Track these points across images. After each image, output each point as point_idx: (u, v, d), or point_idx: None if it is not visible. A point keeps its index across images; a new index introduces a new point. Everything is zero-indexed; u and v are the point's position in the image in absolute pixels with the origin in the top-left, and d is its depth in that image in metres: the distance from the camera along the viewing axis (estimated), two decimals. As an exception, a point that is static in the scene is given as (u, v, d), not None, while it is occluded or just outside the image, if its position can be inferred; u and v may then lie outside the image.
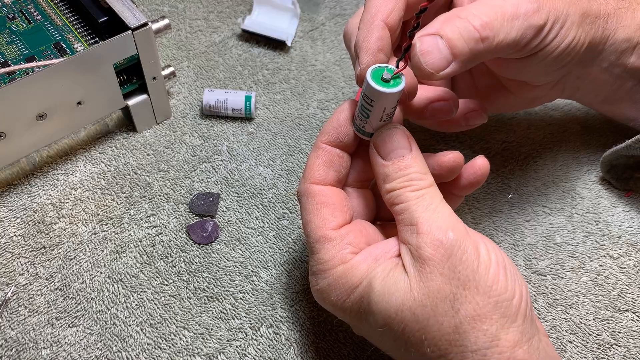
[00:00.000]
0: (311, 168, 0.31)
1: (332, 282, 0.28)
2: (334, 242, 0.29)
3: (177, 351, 0.35)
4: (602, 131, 0.46)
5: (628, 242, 0.40)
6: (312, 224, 0.30)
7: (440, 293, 0.26)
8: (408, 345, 0.27)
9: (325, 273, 0.29)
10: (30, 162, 0.42)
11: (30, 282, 0.37)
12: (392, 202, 0.29)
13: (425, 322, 0.26)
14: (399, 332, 0.27)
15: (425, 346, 0.26)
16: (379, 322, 0.27)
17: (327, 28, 0.53)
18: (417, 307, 0.26)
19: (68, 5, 0.43)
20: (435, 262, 0.26)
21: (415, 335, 0.26)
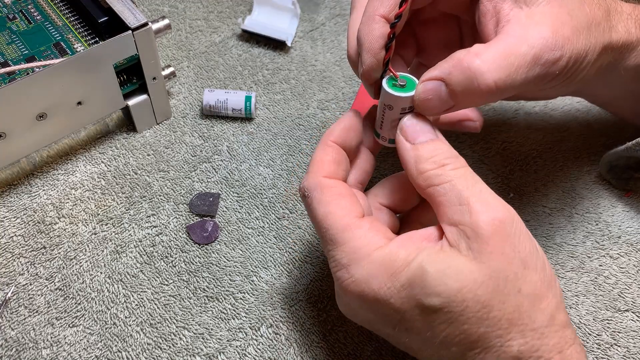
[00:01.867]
0: (321, 163, 0.30)
1: (372, 270, 0.26)
2: (364, 229, 0.27)
3: (177, 351, 0.35)
4: (602, 131, 0.46)
5: (628, 242, 0.40)
6: (333, 215, 0.28)
7: (503, 272, 0.26)
8: (462, 331, 0.26)
9: (361, 262, 0.27)
10: (30, 162, 0.42)
11: (30, 282, 0.37)
12: (430, 182, 0.28)
13: (487, 302, 0.25)
14: (457, 315, 0.25)
15: (484, 327, 0.25)
16: (436, 305, 0.25)
17: (327, 28, 0.53)
18: (479, 288, 0.25)
19: (68, 5, 0.43)
20: (496, 241, 0.26)
21: (476, 315, 0.25)
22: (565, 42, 0.29)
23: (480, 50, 0.28)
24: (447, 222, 0.27)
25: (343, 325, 0.36)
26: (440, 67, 0.28)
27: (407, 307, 0.26)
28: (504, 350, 0.26)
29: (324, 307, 0.37)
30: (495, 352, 0.26)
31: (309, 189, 0.29)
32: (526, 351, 0.26)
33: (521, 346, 0.26)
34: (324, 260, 0.39)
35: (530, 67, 0.28)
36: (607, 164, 0.41)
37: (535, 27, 0.28)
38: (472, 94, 0.28)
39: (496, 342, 0.26)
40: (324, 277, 0.38)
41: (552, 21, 0.29)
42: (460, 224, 0.26)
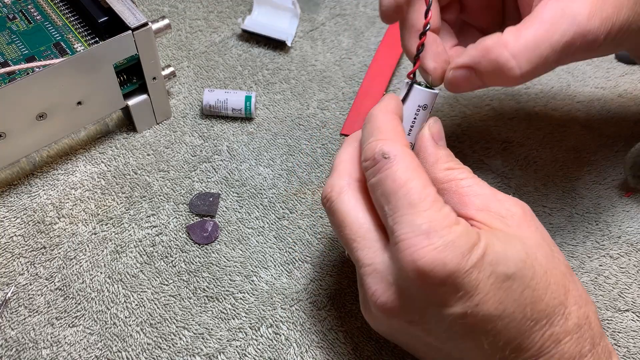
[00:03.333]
0: (395, 132, 0.29)
1: (454, 239, 0.26)
2: (443, 202, 0.27)
3: (177, 351, 0.35)
4: (602, 131, 0.46)
5: (628, 242, 0.40)
6: (417, 180, 0.27)
7: (542, 243, 0.28)
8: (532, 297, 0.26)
9: (444, 230, 0.26)
10: (30, 162, 0.42)
11: (30, 282, 0.37)
12: (452, 177, 0.29)
13: (547, 265, 0.27)
14: (529, 279, 0.26)
15: (549, 292, 0.26)
16: (510, 270, 0.26)
17: (327, 28, 0.53)
18: (537, 252, 0.27)
19: (68, 5, 0.43)
20: (527, 220, 0.28)
21: (542, 280, 0.26)
22: (604, 21, 0.29)
23: (509, 40, 0.28)
24: (476, 209, 0.28)
25: (343, 325, 0.36)
26: (470, 54, 0.30)
27: (482, 277, 0.26)
28: (566, 318, 0.27)
29: (324, 307, 0.37)
30: (559, 322, 0.27)
31: (391, 152, 0.28)
32: (582, 317, 0.27)
33: (578, 311, 0.27)
34: (324, 260, 0.39)
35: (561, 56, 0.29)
36: (632, 159, 0.40)
37: (572, 7, 0.28)
38: (500, 81, 0.30)
39: (559, 310, 0.27)
40: (324, 277, 0.38)
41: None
42: (490, 209, 0.28)
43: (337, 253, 0.39)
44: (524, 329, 0.26)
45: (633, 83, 0.49)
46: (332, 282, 0.38)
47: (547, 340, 0.26)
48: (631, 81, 0.49)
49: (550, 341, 0.26)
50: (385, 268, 0.27)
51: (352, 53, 0.51)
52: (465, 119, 0.47)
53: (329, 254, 0.39)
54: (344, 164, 0.31)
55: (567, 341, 0.27)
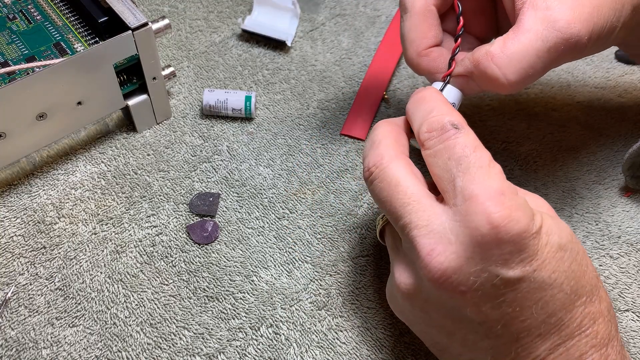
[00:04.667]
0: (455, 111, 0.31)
1: (523, 203, 0.27)
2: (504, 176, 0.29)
3: (177, 351, 0.35)
4: (602, 131, 0.46)
5: (628, 242, 0.40)
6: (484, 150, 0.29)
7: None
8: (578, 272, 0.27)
9: (515, 194, 0.27)
10: (30, 162, 0.42)
11: (30, 282, 0.37)
12: None
13: (582, 249, 0.28)
14: (575, 253, 0.27)
15: (589, 272, 0.28)
16: (563, 240, 0.27)
17: (327, 28, 0.53)
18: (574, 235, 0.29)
19: (68, 5, 0.43)
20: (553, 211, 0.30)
21: (584, 258, 0.28)
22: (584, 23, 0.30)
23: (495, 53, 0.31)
24: None
25: (343, 325, 0.36)
26: (464, 65, 0.32)
27: (541, 244, 0.26)
28: (600, 299, 0.28)
29: (324, 307, 0.37)
30: (595, 302, 0.28)
31: (461, 124, 0.29)
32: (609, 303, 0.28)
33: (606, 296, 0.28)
34: (324, 260, 0.39)
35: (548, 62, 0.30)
36: (630, 160, 0.41)
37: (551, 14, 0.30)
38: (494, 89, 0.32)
39: (595, 291, 0.28)
40: (324, 277, 0.38)
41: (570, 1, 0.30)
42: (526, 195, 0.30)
43: (337, 253, 0.39)
44: (568, 302, 0.27)
45: (633, 83, 0.49)
46: (332, 282, 0.38)
47: (586, 317, 0.27)
48: (631, 81, 0.49)
49: (588, 319, 0.27)
50: (444, 228, 0.27)
51: (352, 53, 0.51)
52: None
53: (329, 254, 0.39)
54: (386, 140, 0.31)
55: (601, 322, 0.27)
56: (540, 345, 0.27)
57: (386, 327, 0.36)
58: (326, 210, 0.41)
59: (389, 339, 0.35)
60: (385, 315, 0.36)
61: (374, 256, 0.39)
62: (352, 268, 0.38)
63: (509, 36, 0.31)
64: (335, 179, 0.43)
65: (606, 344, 0.27)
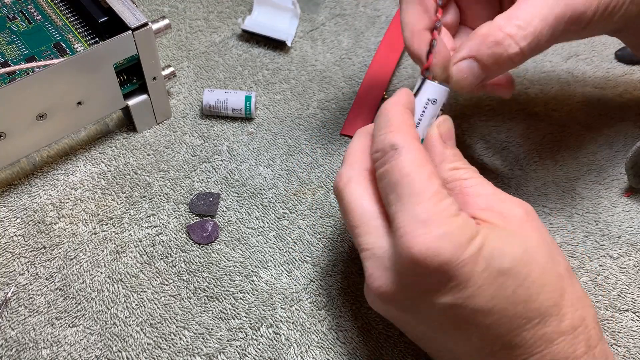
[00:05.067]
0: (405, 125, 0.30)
1: (452, 230, 0.26)
2: (445, 195, 0.28)
3: (177, 351, 0.35)
4: (602, 131, 0.46)
5: (628, 242, 0.40)
6: (421, 172, 0.28)
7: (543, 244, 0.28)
8: (525, 295, 0.26)
9: (442, 220, 0.26)
10: (30, 162, 0.42)
11: (30, 282, 0.37)
12: (457, 177, 0.30)
13: (545, 265, 0.27)
14: (523, 277, 0.26)
15: (544, 293, 0.27)
16: (505, 265, 0.26)
17: (327, 28, 0.53)
18: (536, 252, 0.27)
19: (68, 5, 0.43)
20: (529, 221, 0.28)
21: (538, 279, 0.26)
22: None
23: (502, 23, 0.30)
24: (478, 209, 0.29)
25: (343, 325, 0.36)
26: (468, 46, 0.31)
27: (476, 271, 0.26)
28: (561, 319, 0.27)
29: (324, 307, 0.37)
30: (553, 322, 0.27)
31: (399, 144, 0.29)
32: (577, 319, 0.27)
33: (574, 314, 0.27)
34: (324, 260, 0.39)
35: (555, 27, 0.30)
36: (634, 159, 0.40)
37: None
38: (503, 64, 0.31)
39: (553, 310, 0.27)
40: (324, 277, 0.38)
41: None
42: (493, 209, 0.28)
43: (337, 253, 0.39)
44: (515, 326, 0.26)
45: (633, 83, 0.49)
46: (332, 282, 0.38)
47: (539, 339, 0.27)
48: (631, 81, 0.49)
49: (542, 340, 0.27)
50: (383, 253, 0.28)
51: (352, 53, 0.51)
52: (465, 119, 0.47)
53: (329, 254, 0.39)
54: (354, 155, 0.32)
55: (559, 342, 0.27)
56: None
57: (386, 327, 0.36)
58: (326, 210, 0.41)
59: (389, 339, 0.35)
60: (385, 315, 0.36)
61: (374, 256, 0.39)
62: (352, 268, 0.38)
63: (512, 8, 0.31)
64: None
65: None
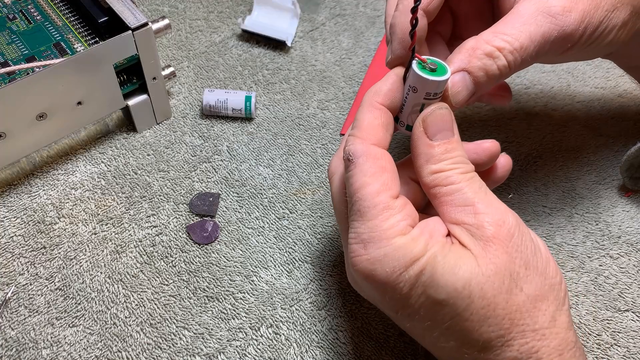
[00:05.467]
0: (370, 127, 0.28)
1: (389, 253, 0.26)
2: (394, 211, 0.27)
3: (177, 351, 0.35)
4: (602, 131, 0.46)
5: (628, 242, 0.40)
6: (370, 187, 0.27)
7: (506, 271, 0.26)
8: (463, 327, 0.26)
9: (381, 242, 0.26)
10: (30, 162, 0.42)
11: (30, 282, 0.37)
12: (437, 183, 0.28)
13: (492, 298, 0.25)
14: (461, 310, 0.25)
15: (486, 325, 0.25)
16: (441, 296, 0.25)
17: (327, 28, 0.53)
18: (485, 283, 0.25)
19: (68, 5, 0.43)
20: (500, 240, 0.26)
21: (479, 312, 0.25)
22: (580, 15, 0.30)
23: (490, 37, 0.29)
24: (450, 221, 0.27)
25: (343, 325, 0.36)
26: (458, 59, 0.30)
27: (413, 295, 0.26)
28: (504, 349, 0.26)
29: (324, 307, 0.37)
30: (494, 351, 0.26)
31: (355, 154, 0.28)
32: (526, 352, 0.26)
33: (521, 346, 0.26)
34: (324, 260, 0.39)
35: (541, 45, 0.30)
36: (628, 161, 0.40)
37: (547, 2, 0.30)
38: (492, 77, 0.30)
39: (497, 341, 0.26)
40: (324, 277, 0.38)
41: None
42: (464, 223, 0.27)
43: (337, 253, 0.39)
44: (454, 353, 0.27)
45: (633, 83, 0.49)
46: (332, 282, 0.38)
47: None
48: (631, 81, 0.49)
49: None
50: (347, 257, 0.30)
51: (352, 53, 0.51)
52: (465, 119, 0.47)
53: (329, 254, 0.39)
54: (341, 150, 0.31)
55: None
56: None
57: (386, 327, 0.36)
58: (326, 210, 0.41)
59: (389, 339, 0.35)
60: (385, 315, 0.36)
61: (374, 256, 0.39)
62: (352, 268, 0.38)
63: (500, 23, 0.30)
64: (335, 179, 0.43)
65: None
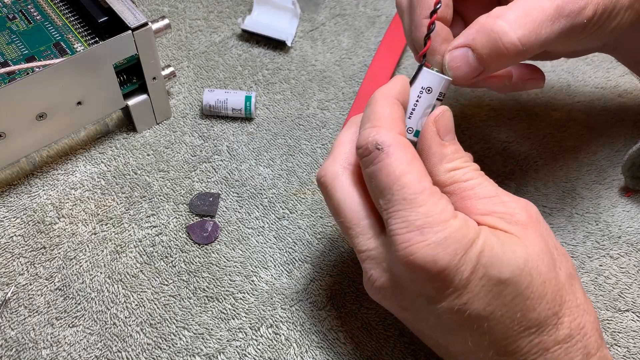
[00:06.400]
0: (392, 119, 0.28)
1: (449, 235, 0.25)
2: (440, 195, 0.27)
3: (177, 351, 0.35)
4: (602, 131, 0.46)
5: (628, 242, 0.40)
6: (411, 175, 0.26)
7: (546, 251, 0.27)
8: (523, 306, 0.26)
9: (439, 226, 0.25)
10: (30, 162, 0.42)
11: (30, 282, 0.37)
12: (456, 179, 0.28)
13: (546, 275, 0.26)
14: (523, 288, 0.26)
15: (544, 302, 0.26)
16: (504, 275, 0.25)
17: (327, 28, 0.53)
18: (538, 261, 0.26)
19: (68, 5, 0.43)
20: (532, 225, 0.27)
21: (538, 289, 0.26)
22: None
23: (502, 12, 0.29)
24: (479, 213, 0.28)
25: (343, 325, 0.36)
26: (464, 34, 0.30)
27: (474, 278, 0.25)
28: (558, 327, 0.27)
29: (324, 307, 0.37)
30: (550, 331, 0.26)
31: (385, 143, 0.27)
32: (576, 328, 0.27)
33: (571, 323, 0.27)
34: (324, 260, 0.39)
35: (554, 20, 0.29)
36: (631, 160, 0.40)
37: None
38: (499, 55, 0.29)
39: (552, 320, 0.26)
40: (324, 277, 0.38)
41: None
42: (495, 212, 0.27)
43: (337, 253, 0.39)
44: (512, 334, 0.26)
45: (633, 83, 0.49)
46: (332, 282, 0.38)
47: (534, 347, 0.26)
48: (631, 81, 0.49)
49: (537, 348, 0.27)
50: (379, 254, 0.28)
51: (352, 53, 0.51)
52: (465, 119, 0.47)
53: (329, 254, 0.39)
54: (341, 147, 0.30)
55: (555, 350, 0.27)
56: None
57: (386, 327, 0.36)
58: (326, 210, 0.41)
59: (389, 339, 0.35)
60: (385, 315, 0.36)
61: (374, 256, 0.39)
62: (352, 268, 0.38)
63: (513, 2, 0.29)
64: (335, 179, 0.43)
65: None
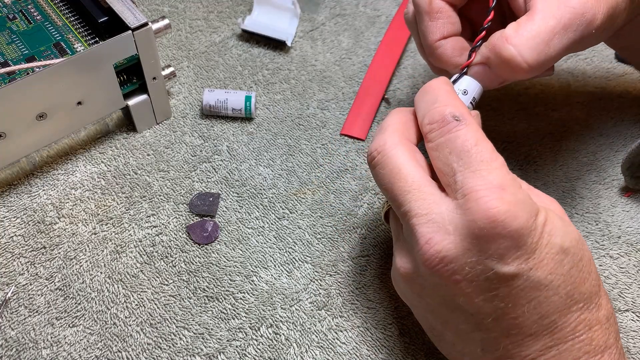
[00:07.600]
0: (455, 97, 0.30)
1: (523, 199, 0.26)
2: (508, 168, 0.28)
3: (177, 351, 0.35)
4: (602, 131, 0.46)
5: (628, 242, 0.40)
6: (487, 142, 0.28)
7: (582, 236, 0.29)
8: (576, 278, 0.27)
9: (515, 188, 0.27)
10: (30, 162, 0.42)
11: (30, 282, 0.37)
12: None
13: (589, 254, 0.28)
14: (578, 259, 0.27)
15: (591, 278, 0.28)
16: (566, 243, 0.27)
17: (327, 28, 0.53)
18: (582, 239, 0.28)
19: (68, 5, 0.43)
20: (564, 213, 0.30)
21: (589, 263, 0.28)
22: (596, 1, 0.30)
23: (510, 34, 0.31)
24: None
25: (343, 325, 0.36)
26: (481, 53, 0.32)
27: (541, 243, 0.26)
28: (599, 307, 0.28)
29: (324, 307, 0.37)
30: (593, 309, 0.27)
31: (462, 115, 0.29)
32: (610, 311, 0.28)
33: (607, 303, 0.28)
34: (324, 260, 0.39)
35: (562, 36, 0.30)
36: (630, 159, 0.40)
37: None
38: (513, 74, 0.31)
39: (595, 298, 0.28)
40: (324, 277, 0.38)
41: None
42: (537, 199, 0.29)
43: (337, 253, 0.39)
44: (563, 307, 0.27)
45: (633, 83, 0.49)
46: (332, 282, 0.38)
47: (581, 323, 0.27)
48: (631, 81, 0.49)
49: (582, 325, 0.27)
50: (443, 219, 0.27)
51: (352, 53, 0.51)
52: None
53: (329, 254, 0.39)
54: (393, 126, 0.31)
55: (597, 329, 0.27)
56: (532, 345, 0.27)
57: (386, 327, 0.36)
58: (326, 210, 0.41)
59: (388, 339, 0.36)
60: (385, 315, 0.36)
61: (374, 256, 0.39)
62: (352, 268, 0.38)
63: (522, 19, 0.31)
64: (335, 179, 0.43)
65: (602, 352, 0.27)
